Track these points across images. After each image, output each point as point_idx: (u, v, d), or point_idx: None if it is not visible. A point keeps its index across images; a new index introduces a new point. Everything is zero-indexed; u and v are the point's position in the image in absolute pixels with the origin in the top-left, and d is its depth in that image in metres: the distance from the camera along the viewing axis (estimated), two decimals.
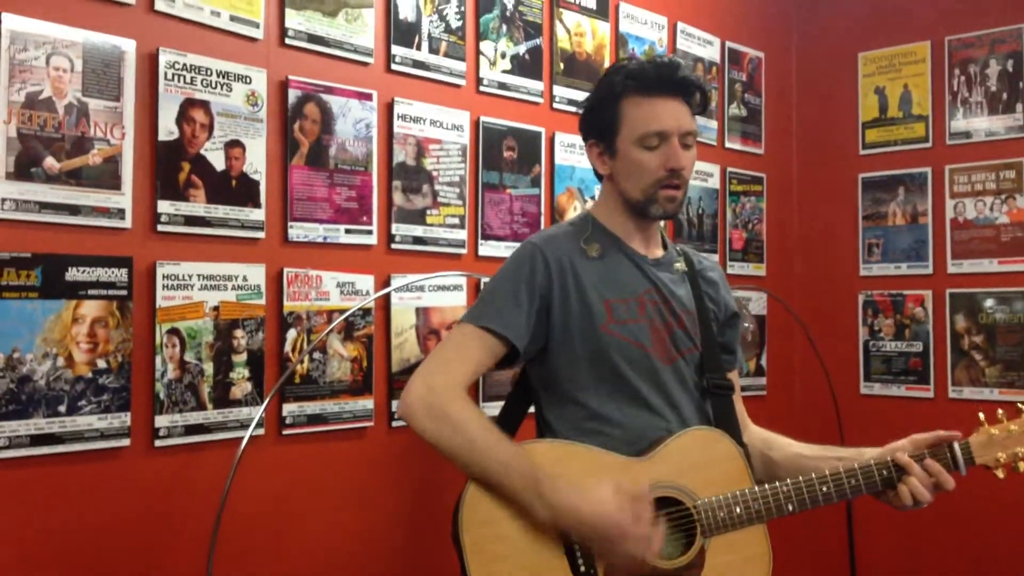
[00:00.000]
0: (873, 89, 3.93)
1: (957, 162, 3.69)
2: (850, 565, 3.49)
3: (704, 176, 3.64)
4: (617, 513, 1.64)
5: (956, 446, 1.86)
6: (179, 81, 2.17)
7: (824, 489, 1.83)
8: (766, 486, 1.82)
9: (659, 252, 2.01)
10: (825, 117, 4.07)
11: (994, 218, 3.59)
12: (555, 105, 3.04)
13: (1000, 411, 1.93)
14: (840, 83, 4.02)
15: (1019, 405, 1.93)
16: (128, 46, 2.09)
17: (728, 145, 3.78)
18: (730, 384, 1.99)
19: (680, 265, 2.01)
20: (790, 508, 1.81)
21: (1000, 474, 1.89)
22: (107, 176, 2.05)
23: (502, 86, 2.89)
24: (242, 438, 2.13)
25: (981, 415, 1.92)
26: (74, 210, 1.99)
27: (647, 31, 3.41)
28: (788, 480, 1.83)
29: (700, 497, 1.78)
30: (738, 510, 1.79)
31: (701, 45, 3.66)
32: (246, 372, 2.26)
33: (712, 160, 3.69)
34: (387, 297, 2.55)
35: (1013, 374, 3.51)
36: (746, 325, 3.10)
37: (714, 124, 3.71)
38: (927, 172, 3.75)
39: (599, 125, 1.94)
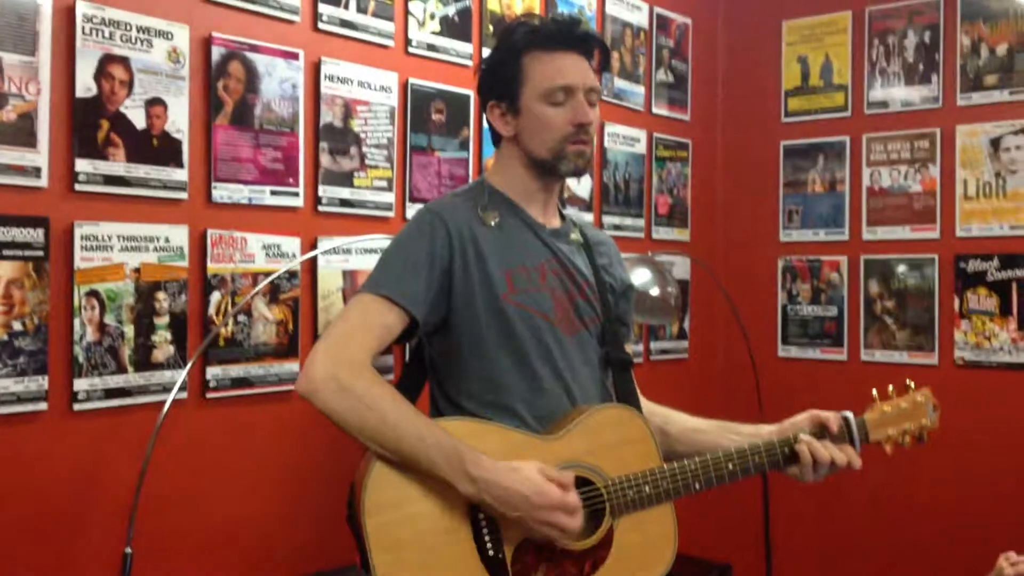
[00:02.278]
0: (796, 58, 4.00)
1: (874, 131, 3.79)
2: (764, 523, 3.61)
3: (631, 141, 3.67)
4: (547, 488, 1.63)
5: (853, 423, 1.92)
6: (97, 36, 2.11)
7: (730, 467, 1.84)
8: (674, 464, 1.81)
9: (556, 222, 1.95)
10: (749, 84, 4.13)
11: (908, 186, 3.70)
12: None
13: (891, 387, 2.00)
14: (764, 51, 4.08)
15: (907, 381, 2.00)
16: None
17: (655, 111, 3.81)
18: (630, 359, 1.98)
19: (576, 236, 1.96)
20: (697, 487, 1.82)
21: (888, 448, 1.96)
22: (22, 133, 1.98)
23: (431, 47, 2.87)
24: (164, 401, 2.10)
25: (874, 391, 1.98)
26: None
27: None
28: (696, 458, 1.83)
29: (610, 477, 1.76)
30: (647, 490, 1.78)
31: (629, 10, 3.68)
32: (168, 335, 2.23)
33: (639, 125, 3.72)
34: (314, 260, 2.53)
35: (921, 338, 3.64)
36: (669, 290, 3.15)
37: (641, 89, 3.73)
38: (845, 141, 3.85)
39: (500, 84, 1.87)
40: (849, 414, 1.93)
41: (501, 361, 1.80)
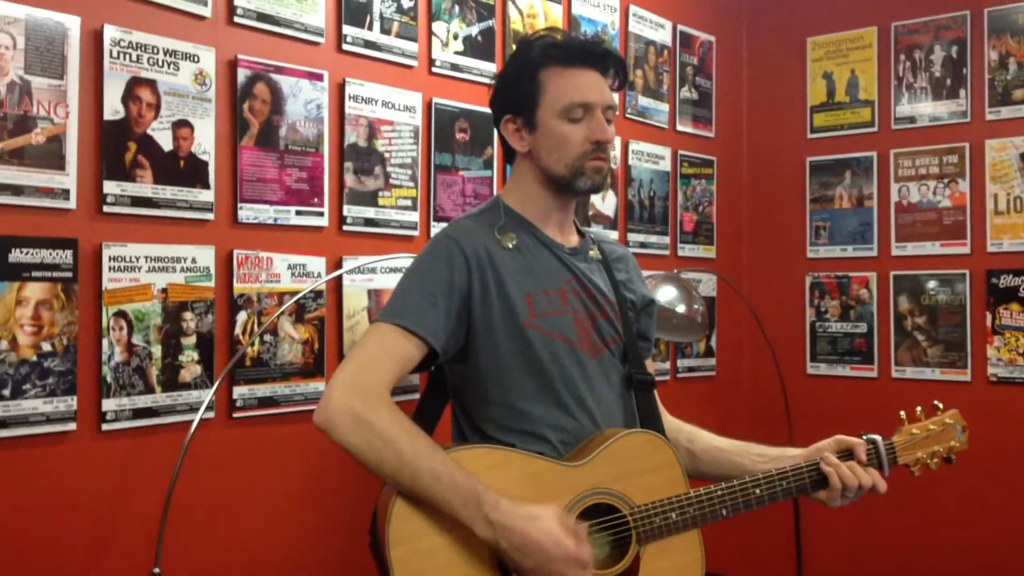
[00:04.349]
0: (821, 74, 3.98)
1: (902, 146, 3.76)
2: (796, 552, 3.56)
3: (655, 159, 3.66)
4: (564, 541, 1.59)
5: (882, 446, 1.90)
6: (125, 59, 2.13)
7: (757, 492, 1.82)
8: (701, 490, 1.79)
9: (574, 239, 1.93)
10: (774, 101, 4.11)
11: (937, 202, 3.66)
12: None
13: (919, 409, 1.97)
14: (789, 67, 4.07)
15: (935, 403, 1.98)
16: (72, 23, 2.04)
17: (679, 128, 3.80)
18: (652, 379, 1.95)
19: (595, 253, 1.94)
20: (724, 513, 1.79)
21: (916, 472, 1.94)
22: (51, 156, 2.01)
23: (455, 67, 2.88)
24: (191, 421, 2.10)
25: (902, 414, 1.97)
26: (17, 190, 1.95)
27: (599, 13, 3.42)
28: (722, 484, 1.81)
29: (636, 504, 1.74)
30: (673, 516, 1.75)
31: (653, 28, 3.68)
32: (195, 355, 2.24)
33: (663, 143, 3.71)
34: (339, 279, 2.53)
35: (954, 354, 3.59)
36: (696, 307, 3.13)
37: (665, 107, 3.73)
38: (873, 156, 3.82)
39: (516, 99, 1.84)
40: (877, 437, 1.91)
41: (524, 386, 1.78)
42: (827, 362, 3.91)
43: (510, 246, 1.81)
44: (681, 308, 3.08)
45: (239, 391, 2.33)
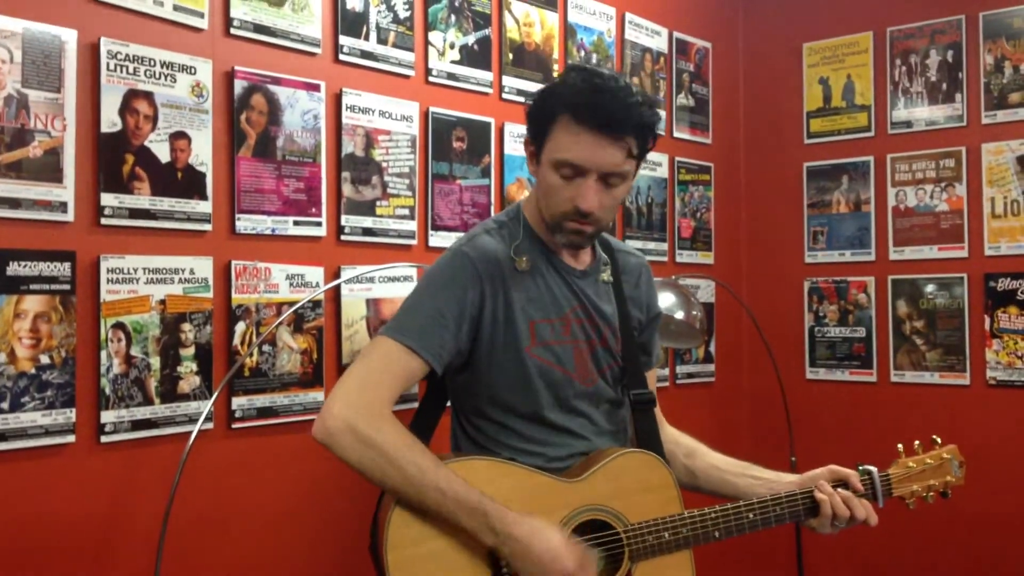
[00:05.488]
0: (817, 79, 3.99)
1: (898, 151, 3.76)
2: (796, 552, 3.56)
3: (653, 165, 3.67)
4: (563, 557, 1.62)
5: (877, 478, 1.91)
6: (122, 72, 2.14)
7: (751, 516, 1.84)
8: (695, 512, 1.81)
9: (587, 259, 1.91)
10: (771, 107, 4.12)
11: (934, 206, 3.67)
12: (504, 95, 3.04)
13: (917, 443, 1.99)
14: (785, 73, 4.07)
15: (934, 438, 2.00)
16: (69, 36, 2.05)
17: (676, 135, 3.81)
18: (652, 398, 1.95)
19: (606, 275, 1.92)
20: (716, 535, 1.81)
21: (911, 504, 1.96)
22: (48, 169, 2.01)
23: (451, 76, 2.89)
24: (191, 432, 2.10)
25: (900, 446, 1.98)
26: (14, 203, 1.96)
27: (595, 21, 3.43)
28: (716, 507, 1.83)
29: (630, 522, 1.76)
30: (666, 535, 1.77)
31: (649, 35, 3.69)
32: (194, 366, 2.24)
33: (660, 150, 3.72)
34: (337, 289, 2.54)
35: (953, 358, 3.59)
36: (694, 313, 3.13)
37: (662, 114, 3.73)
38: (870, 161, 3.82)
39: (532, 129, 1.80)
40: (873, 469, 1.93)
41: (517, 407, 1.80)
42: (826, 367, 3.91)
43: (523, 268, 1.81)
44: (680, 314, 3.08)
45: (238, 402, 2.33)
